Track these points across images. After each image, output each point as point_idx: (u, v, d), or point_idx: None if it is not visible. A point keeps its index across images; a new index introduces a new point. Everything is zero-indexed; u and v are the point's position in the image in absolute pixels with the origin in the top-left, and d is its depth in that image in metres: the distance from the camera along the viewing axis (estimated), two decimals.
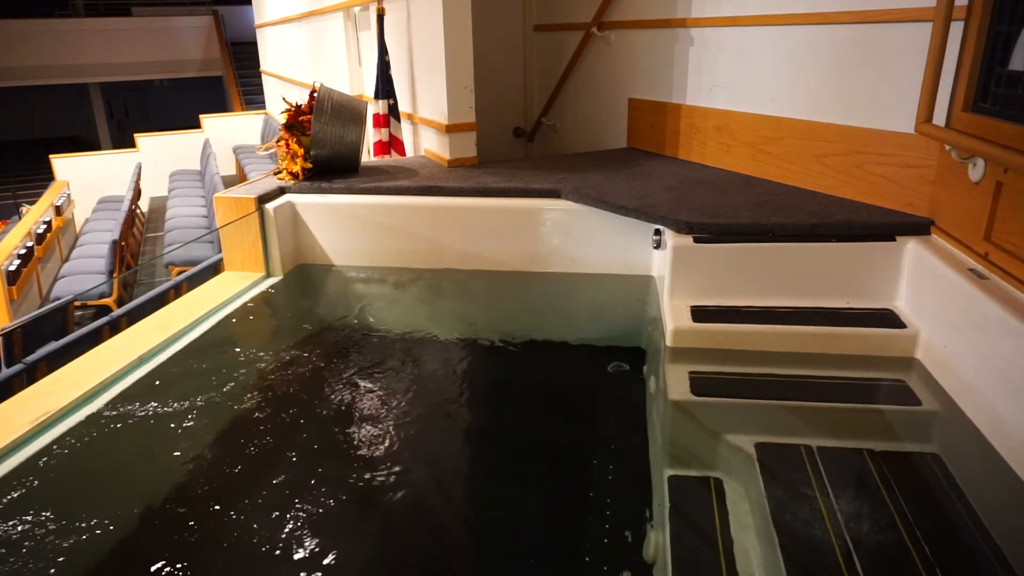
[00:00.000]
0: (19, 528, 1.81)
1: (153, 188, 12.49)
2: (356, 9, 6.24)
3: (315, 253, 3.68)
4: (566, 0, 4.86)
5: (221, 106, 17.53)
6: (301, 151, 3.67)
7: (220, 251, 3.62)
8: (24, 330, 4.79)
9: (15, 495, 1.94)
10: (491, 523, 1.92)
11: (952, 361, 2.19)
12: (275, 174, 3.81)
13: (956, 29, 2.25)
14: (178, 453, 2.13)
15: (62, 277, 7.63)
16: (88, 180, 12.12)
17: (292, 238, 3.59)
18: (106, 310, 6.59)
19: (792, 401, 2.21)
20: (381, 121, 4.70)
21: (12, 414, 2.25)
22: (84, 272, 7.63)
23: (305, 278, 3.58)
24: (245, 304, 3.20)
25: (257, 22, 12.48)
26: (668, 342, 2.56)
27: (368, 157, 4.82)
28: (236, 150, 12.76)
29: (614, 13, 4.39)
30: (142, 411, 2.37)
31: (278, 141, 3.76)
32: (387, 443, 2.17)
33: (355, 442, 2.19)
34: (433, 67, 4.08)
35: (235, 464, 2.09)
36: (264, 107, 13.84)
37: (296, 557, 1.71)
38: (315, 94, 3.65)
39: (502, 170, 3.86)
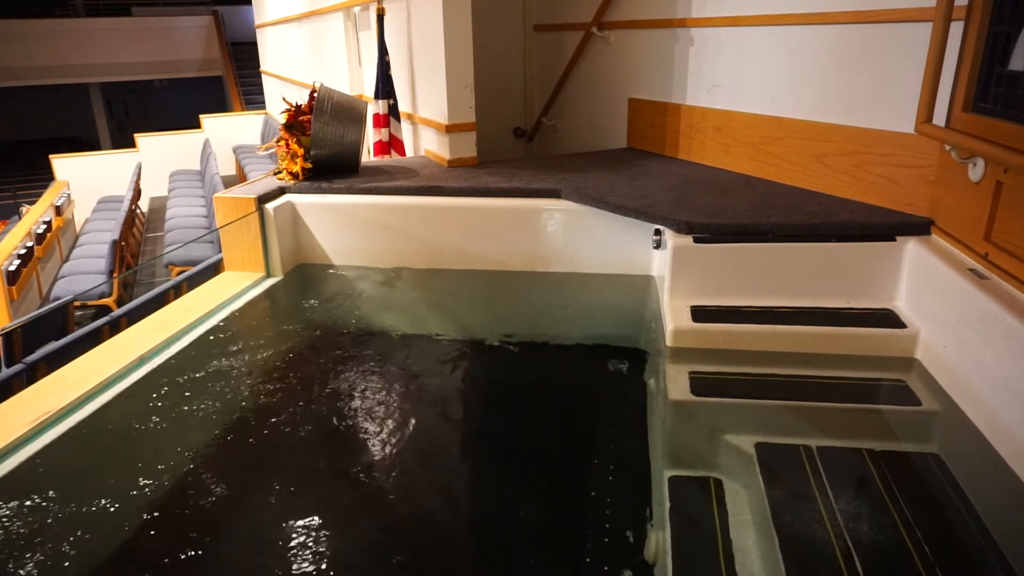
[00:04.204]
0: (19, 528, 1.81)
1: (153, 188, 12.50)
2: (356, 9, 6.24)
3: (315, 253, 3.68)
4: (566, 0, 4.86)
5: (221, 106, 17.53)
6: (301, 151, 3.67)
7: (220, 251, 3.62)
8: (24, 330, 4.79)
9: (15, 495, 1.94)
10: (491, 523, 1.92)
11: (952, 361, 2.19)
12: (275, 174, 3.81)
13: (956, 29, 2.25)
14: (178, 453, 2.13)
15: (62, 277, 7.63)
16: (88, 180, 12.12)
17: (292, 238, 3.59)
18: (106, 310, 6.59)
19: (792, 401, 2.21)
20: (381, 121, 4.70)
21: (12, 414, 2.25)
22: (84, 272, 7.63)
23: (305, 278, 3.58)
24: (245, 304, 3.20)
25: (257, 22, 12.48)
26: (668, 342, 2.56)
27: (368, 157, 4.82)
28: (236, 150, 12.76)
29: (614, 13, 4.39)
30: (142, 411, 2.36)
31: (278, 141, 3.76)
32: (387, 443, 2.17)
33: (355, 442, 2.19)
34: (433, 67, 4.08)
35: (235, 464, 2.09)
36: (264, 107, 13.85)
37: (295, 556, 1.71)
38: (315, 94, 3.65)
39: (502, 170, 3.86)
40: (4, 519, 1.84)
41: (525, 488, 2.01)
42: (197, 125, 13.45)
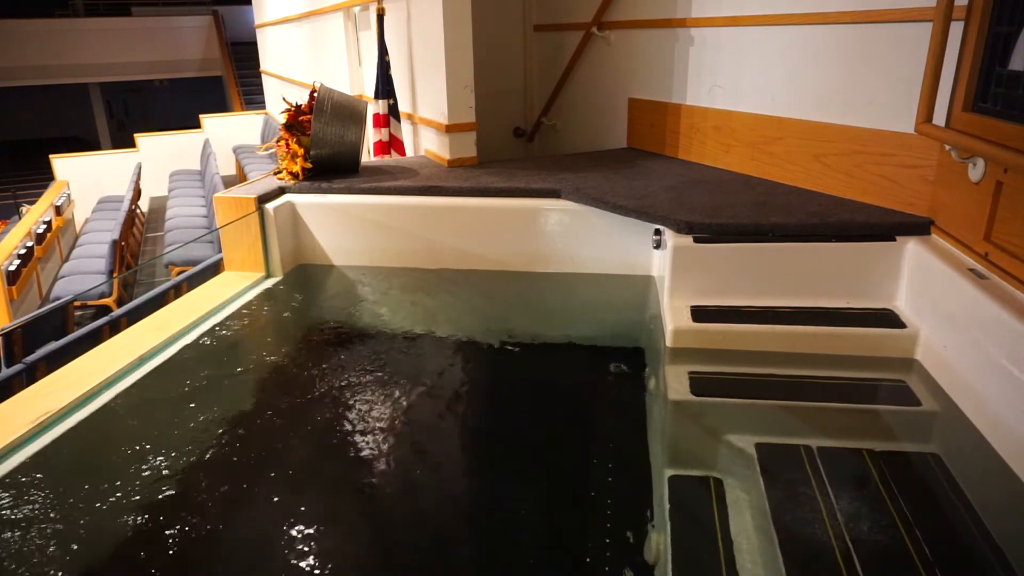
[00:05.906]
0: (19, 528, 1.81)
1: (153, 188, 12.50)
2: (356, 9, 6.24)
3: (315, 253, 3.68)
4: (566, 0, 4.86)
5: (221, 106, 17.53)
6: (301, 151, 3.67)
7: (220, 251, 3.62)
8: (24, 330, 4.79)
9: (15, 495, 1.94)
10: (491, 523, 1.92)
11: (952, 361, 2.19)
12: (275, 174, 3.81)
13: (956, 29, 2.25)
14: (178, 454, 2.13)
15: (62, 277, 7.63)
16: (88, 180, 12.12)
17: (292, 238, 3.59)
18: (106, 310, 6.59)
19: (792, 401, 2.21)
20: (381, 121, 4.70)
21: (12, 414, 2.25)
22: (84, 272, 7.63)
23: (305, 278, 3.58)
24: (245, 304, 3.20)
25: (257, 22, 12.48)
26: (668, 342, 2.56)
27: (368, 157, 4.82)
28: (236, 150, 12.76)
29: (614, 13, 4.39)
30: (142, 411, 2.37)
31: (278, 141, 3.76)
32: (387, 443, 2.17)
33: (355, 442, 2.19)
34: (433, 67, 4.08)
35: (235, 464, 2.09)
36: (264, 107, 13.85)
37: (296, 557, 1.71)
38: (315, 94, 3.65)
39: (502, 170, 3.86)
40: (4, 519, 1.84)
41: (525, 488, 2.01)
42: (197, 125, 13.44)
